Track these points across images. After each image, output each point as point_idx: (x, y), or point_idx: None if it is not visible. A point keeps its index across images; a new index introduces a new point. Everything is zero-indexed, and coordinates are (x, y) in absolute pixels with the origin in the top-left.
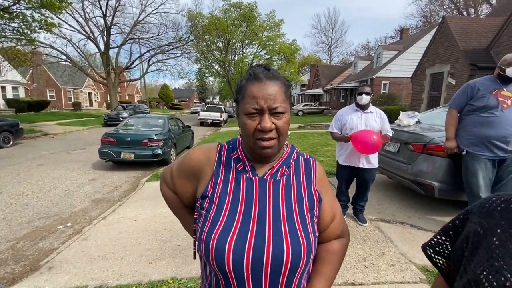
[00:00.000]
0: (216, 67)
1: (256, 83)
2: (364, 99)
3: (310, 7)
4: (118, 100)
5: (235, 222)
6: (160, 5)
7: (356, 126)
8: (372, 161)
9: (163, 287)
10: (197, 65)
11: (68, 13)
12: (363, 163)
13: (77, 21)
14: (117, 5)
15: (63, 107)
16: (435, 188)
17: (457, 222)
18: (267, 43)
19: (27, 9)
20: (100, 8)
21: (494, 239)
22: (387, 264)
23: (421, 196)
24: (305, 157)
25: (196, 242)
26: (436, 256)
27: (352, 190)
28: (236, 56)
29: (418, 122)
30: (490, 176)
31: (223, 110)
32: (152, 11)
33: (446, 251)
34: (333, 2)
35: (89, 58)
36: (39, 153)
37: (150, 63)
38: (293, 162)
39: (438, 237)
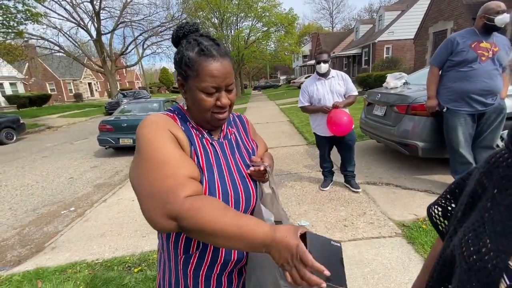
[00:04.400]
0: None
1: (213, 61)
2: (323, 67)
3: None
4: (118, 88)
5: (216, 184)
6: None
7: (323, 95)
8: None
9: (154, 255)
10: None
11: (54, 1)
12: None
13: (65, 9)
14: None
15: (65, 100)
16: (419, 148)
17: (462, 179)
18: (263, 14)
19: (9, 0)
20: None
21: (488, 200)
22: (366, 222)
23: (409, 157)
24: (236, 115)
25: None
26: (439, 218)
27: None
28: (232, 31)
29: (406, 83)
30: (470, 131)
31: None
32: None
33: (449, 213)
34: None
35: (82, 46)
36: (43, 146)
37: (145, 47)
38: (232, 121)
39: (444, 195)
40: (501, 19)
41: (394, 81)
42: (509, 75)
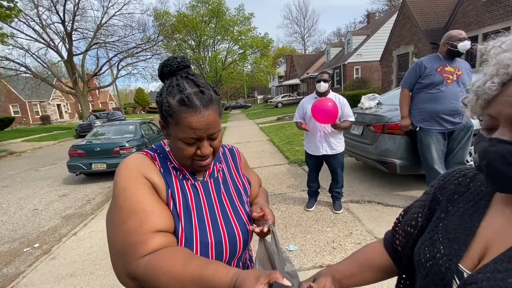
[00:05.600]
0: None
1: (194, 114)
2: (323, 86)
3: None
4: (90, 109)
5: (194, 232)
6: (123, 6)
7: None
8: (334, 147)
9: None
10: None
11: (22, 21)
12: (326, 150)
13: (34, 29)
14: (75, 9)
15: (31, 122)
16: (397, 165)
17: (426, 194)
18: (239, 37)
19: None
20: (57, 13)
21: (442, 212)
22: (354, 243)
23: (386, 174)
24: (228, 147)
25: None
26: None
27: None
28: (209, 53)
29: (379, 103)
30: (442, 148)
31: None
32: (115, 13)
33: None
34: None
35: (52, 67)
36: (4, 174)
37: (120, 68)
38: (221, 156)
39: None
40: (463, 46)
41: (368, 102)
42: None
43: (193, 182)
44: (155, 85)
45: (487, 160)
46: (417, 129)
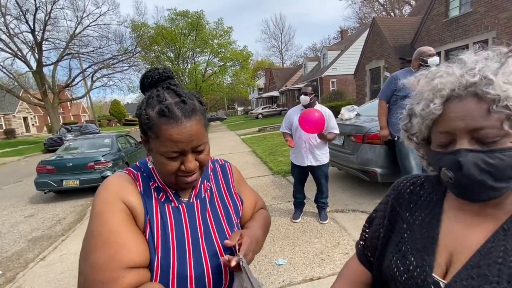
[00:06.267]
0: None
1: (175, 125)
2: (303, 99)
3: (257, 14)
4: (61, 122)
5: (171, 263)
6: (98, 17)
7: None
8: (319, 158)
9: None
10: None
11: None
12: (310, 161)
13: (0, 39)
14: (46, 18)
15: None
16: (378, 174)
17: (374, 211)
18: (219, 50)
19: None
20: (27, 22)
21: (403, 223)
22: (342, 253)
23: (368, 182)
24: (220, 163)
25: None
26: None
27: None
28: (189, 65)
29: (358, 114)
30: None
31: None
32: (90, 23)
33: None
34: (278, 8)
35: (19, 78)
36: None
37: (94, 79)
38: (211, 173)
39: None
40: (433, 61)
41: (347, 113)
42: None
43: (176, 204)
44: (132, 97)
45: (464, 170)
46: (396, 138)
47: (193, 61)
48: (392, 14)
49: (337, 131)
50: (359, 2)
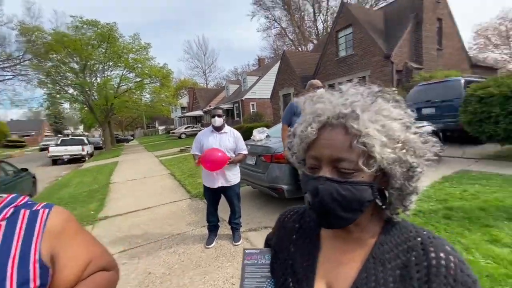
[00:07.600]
0: (71, 91)
1: None
2: (218, 121)
3: (179, 34)
4: None
5: None
6: None
7: (212, 147)
8: (230, 179)
9: None
10: (42, 90)
11: None
12: (221, 182)
13: None
14: None
15: None
16: (284, 190)
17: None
18: (135, 65)
19: None
20: None
21: (286, 253)
22: None
23: (279, 199)
24: (33, 209)
25: None
26: None
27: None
28: (98, 78)
29: (267, 136)
30: None
31: (86, 141)
32: None
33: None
34: (201, 31)
35: None
36: None
37: None
38: (2, 223)
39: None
40: (319, 93)
41: (259, 135)
42: None
43: None
44: (18, 112)
45: (320, 197)
46: None
47: (103, 74)
48: (300, 48)
49: (245, 152)
50: (273, 36)
